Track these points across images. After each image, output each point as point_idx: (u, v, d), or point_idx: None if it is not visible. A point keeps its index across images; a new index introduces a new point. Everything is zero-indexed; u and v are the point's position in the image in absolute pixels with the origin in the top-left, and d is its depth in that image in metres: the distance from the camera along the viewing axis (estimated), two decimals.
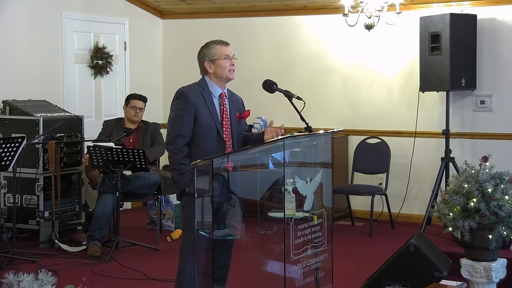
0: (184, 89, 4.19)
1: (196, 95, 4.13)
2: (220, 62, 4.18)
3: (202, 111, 4.10)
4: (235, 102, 4.33)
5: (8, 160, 5.74)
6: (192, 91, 4.17)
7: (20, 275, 2.37)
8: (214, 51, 4.20)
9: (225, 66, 4.19)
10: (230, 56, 4.22)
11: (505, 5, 7.05)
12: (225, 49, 4.23)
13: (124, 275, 5.67)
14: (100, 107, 8.07)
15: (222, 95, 4.23)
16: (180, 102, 4.14)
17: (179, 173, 4.09)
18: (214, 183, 3.73)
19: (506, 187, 4.17)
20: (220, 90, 4.22)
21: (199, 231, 3.83)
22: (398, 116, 7.64)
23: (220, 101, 4.20)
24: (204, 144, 4.08)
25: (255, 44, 8.39)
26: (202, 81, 4.24)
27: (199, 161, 3.73)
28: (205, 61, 4.20)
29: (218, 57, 4.18)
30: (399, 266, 4.52)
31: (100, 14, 8.06)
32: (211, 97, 4.18)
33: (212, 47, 4.22)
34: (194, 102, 4.10)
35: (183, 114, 4.10)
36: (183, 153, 4.08)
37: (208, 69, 4.20)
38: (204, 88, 4.18)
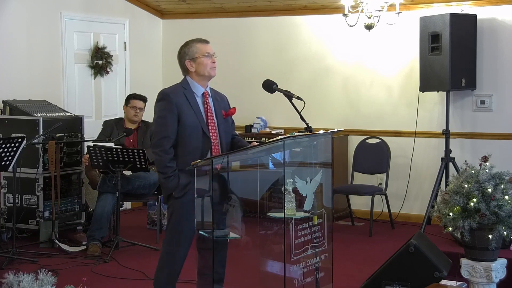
0: (166, 91, 4.19)
1: (179, 96, 4.12)
2: (201, 60, 4.17)
3: (186, 111, 4.09)
4: (220, 100, 4.30)
5: (8, 160, 5.74)
6: (174, 92, 4.16)
7: (20, 275, 2.37)
8: (195, 50, 4.20)
9: (206, 63, 4.17)
10: (211, 53, 4.21)
11: (505, 5, 7.05)
12: (205, 47, 4.24)
13: (124, 275, 5.67)
14: (100, 107, 8.08)
15: (205, 94, 4.21)
16: (162, 104, 4.13)
17: (165, 177, 4.09)
18: (213, 184, 3.74)
19: (506, 187, 4.17)
20: (202, 89, 4.20)
21: (199, 231, 3.83)
22: (398, 116, 7.64)
23: (203, 100, 4.19)
24: (189, 144, 4.07)
25: (255, 44, 8.39)
26: (184, 81, 4.23)
27: (199, 161, 3.73)
28: (185, 60, 4.19)
29: (199, 55, 4.18)
30: (399, 266, 4.53)
31: (100, 14, 8.06)
32: (194, 97, 4.16)
33: (192, 46, 4.22)
34: (176, 102, 4.08)
35: (166, 115, 4.09)
36: (169, 155, 4.07)
37: (189, 67, 4.19)
38: (186, 88, 4.17)
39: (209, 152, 4.09)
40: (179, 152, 4.09)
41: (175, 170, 4.06)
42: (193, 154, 4.03)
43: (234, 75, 8.44)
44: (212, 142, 4.10)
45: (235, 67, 8.47)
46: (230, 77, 8.42)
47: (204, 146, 4.08)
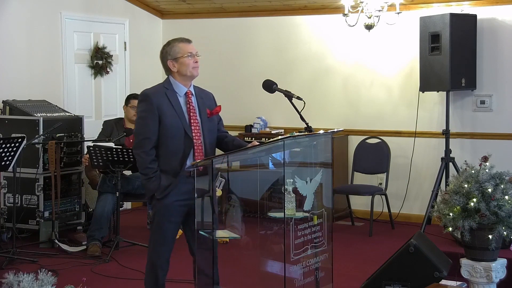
0: (146, 91, 4.16)
1: (160, 96, 4.08)
2: (183, 60, 4.13)
3: (167, 111, 4.05)
4: (205, 98, 4.24)
5: (8, 160, 5.75)
6: (155, 92, 4.13)
7: (20, 275, 2.37)
8: (177, 49, 4.16)
9: (189, 63, 4.12)
10: (193, 53, 4.16)
11: (505, 5, 7.05)
12: (187, 46, 4.18)
13: (124, 275, 5.67)
14: (100, 107, 8.08)
15: (187, 94, 4.15)
16: (143, 105, 4.11)
17: (146, 178, 4.07)
18: (212, 184, 3.73)
19: (506, 187, 4.17)
20: (185, 89, 4.15)
21: (199, 231, 3.83)
22: (398, 116, 7.64)
23: (186, 99, 4.14)
24: (171, 145, 4.04)
25: (255, 44, 8.39)
26: (167, 81, 4.19)
27: (199, 161, 3.73)
28: (167, 60, 4.16)
29: (181, 55, 4.13)
30: (399, 266, 4.52)
31: (100, 14, 8.06)
32: (176, 97, 4.12)
33: (175, 45, 4.18)
34: (157, 103, 4.04)
35: (147, 116, 4.06)
36: (150, 157, 4.05)
37: (172, 67, 4.15)
38: (168, 88, 4.13)
39: (192, 152, 4.04)
40: (161, 153, 4.07)
41: (156, 171, 4.04)
42: (174, 154, 4.02)
43: (234, 75, 8.44)
44: (195, 143, 4.04)
45: (235, 67, 8.48)
46: (230, 77, 8.43)
47: (186, 147, 4.03)
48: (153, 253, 4.18)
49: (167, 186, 4.02)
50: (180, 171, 4.00)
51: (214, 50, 8.55)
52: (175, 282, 5.12)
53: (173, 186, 4.01)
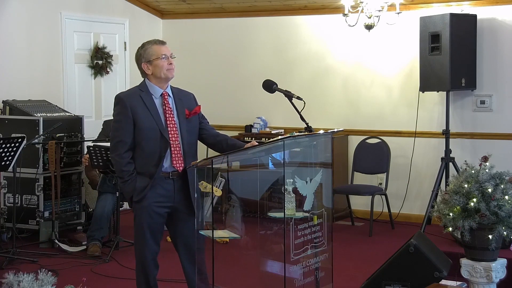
0: (120, 95, 4.15)
1: (134, 99, 4.06)
2: (157, 62, 4.09)
3: (141, 114, 4.02)
4: (184, 99, 4.19)
5: (8, 160, 5.75)
6: (129, 95, 4.12)
7: (20, 275, 2.37)
8: (151, 52, 4.12)
9: (163, 65, 4.08)
10: (168, 55, 4.11)
11: (505, 5, 7.05)
12: (161, 48, 4.13)
13: (124, 275, 5.67)
14: (100, 107, 8.08)
15: (164, 95, 4.11)
16: (117, 108, 4.10)
17: (122, 181, 4.07)
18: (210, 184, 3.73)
19: (506, 187, 4.17)
20: (160, 90, 4.11)
21: (199, 231, 3.83)
22: (398, 116, 7.64)
23: (162, 101, 4.10)
24: (146, 147, 4.01)
25: (255, 44, 8.39)
26: (142, 84, 4.17)
27: (199, 161, 3.72)
28: (142, 63, 4.14)
29: (155, 57, 4.10)
30: (399, 266, 4.52)
31: (100, 14, 8.07)
32: (151, 99, 4.08)
33: (148, 48, 4.14)
34: (131, 106, 4.02)
35: (121, 119, 4.06)
36: (125, 159, 4.04)
37: (146, 70, 4.12)
38: (143, 91, 4.10)
39: (169, 153, 4.01)
40: (137, 155, 4.05)
41: (131, 173, 4.03)
42: (150, 156, 4.00)
43: (234, 75, 8.44)
44: (171, 144, 4.01)
45: (235, 67, 8.47)
46: (230, 77, 8.43)
47: (162, 148, 4.00)
48: (138, 254, 4.22)
49: (143, 188, 4.00)
50: (155, 173, 3.98)
51: (214, 50, 8.56)
52: (170, 282, 5.12)
53: (149, 188, 3.99)
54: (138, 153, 4.05)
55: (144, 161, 4.01)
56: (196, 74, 8.44)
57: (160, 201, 4.01)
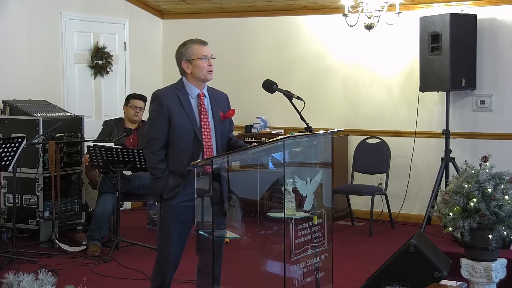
0: (158, 92, 4.13)
1: (171, 97, 4.05)
2: (197, 62, 4.08)
3: (177, 113, 4.02)
4: (219, 100, 4.21)
5: (8, 160, 5.75)
6: (166, 93, 4.10)
7: (20, 275, 2.37)
8: (192, 51, 4.10)
9: (203, 66, 4.08)
10: (208, 56, 4.12)
11: (505, 5, 7.05)
12: (203, 48, 4.13)
13: (124, 275, 5.67)
14: (100, 107, 8.08)
15: (200, 95, 4.12)
16: (153, 105, 4.08)
17: (154, 178, 4.07)
18: (213, 184, 3.73)
19: (506, 187, 4.17)
20: (197, 91, 4.12)
21: (199, 231, 3.83)
22: (398, 116, 7.64)
23: (198, 101, 4.10)
24: (179, 146, 4.01)
25: (255, 44, 8.39)
26: (180, 82, 4.15)
27: (199, 161, 3.72)
28: (182, 61, 4.11)
29: (196, 57, 4.08)
30: (399, 266, 4.52)
31: (100, 14, 8.07)
32: (188, 98, 4.08)
33: (190, 47, 4.12)
34: (167, 104, 4.02)
35: (156, 117, 4.05)
36: (158, 157, 4.03)
37: (186, 69, 4.10)
38: (180, 89, 4.09)
39: (201, 155, 4.02)
40: (170, 154, 4.05)
41: (164, 171, 4.02)
42: (183, 156, 3.99)
43: (234, 75, 8.44)
44: (204, 145, 4.02)
45: (235, 67, 8.48)
46: (230, 77, 8.42)
47: (194, 149, 4.01)
48: (161, 253, 4.18)
49: (175, 187, 4.00)
50: (188, 173, 3.97)
51: (214, 50, 8.49)
52: (177, 282, 5.11)
53: (181, 187, 3.99)
54: (171, 152, 4.05)
55: (177, 161, 4.00)
56: None
57: (189, 199, 3.97)
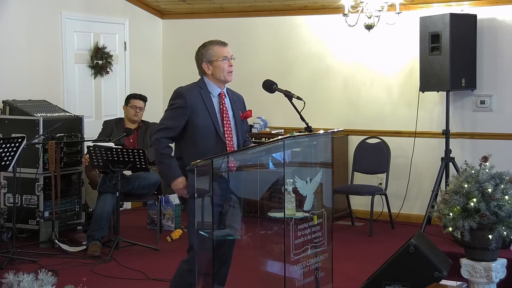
0: (182, 90, 4.12)
1: (194, 96, 4.07)
2: (218, 63, 4.12)
3: (199, 111, 4.03)
4: (237, 100, 4.27)
5: (8, 160, 5.74)
6: (190, 91, 4.10)
7: (20, 275, 2.37)
8: (212, 52, 4.13)
9: (224, 68, 4.13)
10: (228, 57, 4.16)
11: (505, 5, 7.05)
12: (223, 50, 4.16)
13: (124, 275, 5.67)
14: (100, 107, 8.08)
15: (221, 95, 4.17)
16: (177, 102, 4.07)
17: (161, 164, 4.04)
18: (215, 184, 3.72)
19: (506, 187, 4.17)
20: (219, 90, 4.17)
21: (199, 231, 3.83)
22: (398, 116, 7.64)
23: (220, 100, 4.15)
24: (202, 145, 4.00)
25: (255, 44, 8.39)
26: (201, 81, 4.18)
27: (199, 161, 3.72)
28: (203, 62, 4.14)
29: (216, 59, 4.12)
30: (399, 266, 4.52)
31: (100, 14, 8.07)
32: (210, 97, 4.12)
33: (210, 48, 4.15)
34: (191, 103, 4.03)
35: (177, 112, 4.03)
36: (165, 143, 4.01)
37: (206, 70, 4.14)
38: (202, 88, 4.13)
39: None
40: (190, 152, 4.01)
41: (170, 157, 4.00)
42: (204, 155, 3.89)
43: (234, 75, 8.40)
44: (227, 144, 4.03)
45: (235, 67, 8.42)
46: None
47: (218, 148, 4.00)
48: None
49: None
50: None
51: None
52: None
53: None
54: (192, 150, 4.01)
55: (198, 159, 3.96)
56: (196, 74, 8.42)
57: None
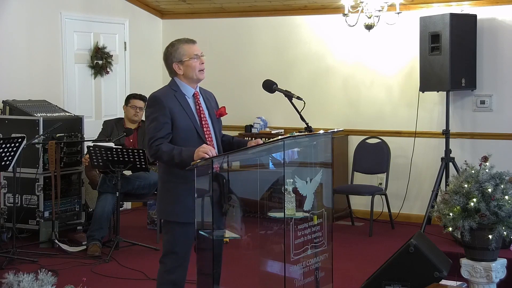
0: (156, 94, 4.00)
1: (170, 99, 3.94)
2: (189, 62, 3.99)
3: (178, 114, 3.92)
4: (210, 99, 4.15)
5: (8, 160, 5.75)
6: (165, 95, 3.97)
7: (20, 275, 2.37)
8: (182, 51, 4.01)
9: (195, 66, 4.00)
10: (199, 54, 4.04)
11: (505, 5, 7.05)
12: (193, 48, 4.04)
13: (124, 275, 5.67)
14: (100, 107, 8.08)
15: (195, 95, 4.05)
16: (155, 108, 3.93)
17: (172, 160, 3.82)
18: (213, 184, 3.72)
19: (506, 187, 4.17)
20: (192, 90, 4.04)
21: (199, 231, 3.82)
22: (398, 116, 7.64)
23: (195, 100, 4.03)
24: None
25: (255, 44, 8.39)
26: (173, 83, 4.04)
27: (199, 161, 3.72)
28: (173, 63, 4.00)
29: (187, 58, 3.99)
30: (399, 266, 4.52)
31: (100, 14, 8.07)
32: (185, 98, 4.00)
33: (179, 47, 4.03)
34: (169, 106, 3.91)
35: (160, 118, 3.89)
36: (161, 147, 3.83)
37: (177, 70, 4.00)
38: (176, 90, 3.99)
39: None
40: None
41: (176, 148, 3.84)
42: None
43: (234, 75, 8.44)
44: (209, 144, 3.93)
45: (235, 67, 8.48)
46: (230, 77, 8.43)
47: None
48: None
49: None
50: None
51: (214, 50, 8.55)
52: None
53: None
54: None
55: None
56: None
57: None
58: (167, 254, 3.99)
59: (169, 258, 3.97)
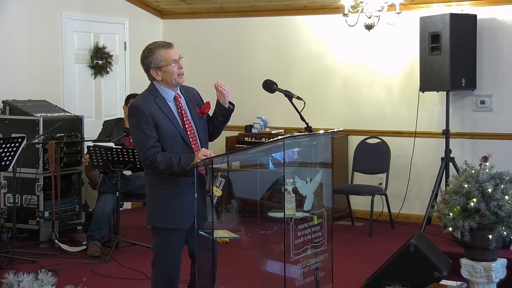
0: (136, 103, 3.92)
1: (150, 105, 3.86)
2: (167, 68, 3.86)
3: (161, 121, 3.84)
4: (192, 97, 4.06)
5: (8, 160, 5.75)
6: (145, 103, 3.88)
7: (20, 275, 2.37)
8: (159, 57, 3.89)
9: (173, 71, 3.88)
10: (177, 59, 3.91)
11: (505, 5, 7.05)
12: (170, 53, 3.89)
13: (124, 275, 5.67)
14: (100, 107, 8.08)
15: (176, 97, 3.96)
16: (137, 118, 3.85)
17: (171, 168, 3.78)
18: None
19: (506, 187, 4.17)
20: (173, 93, 3.94)
21: (199, 231, 3.83)
22: (398, 116, 7.64)
23: (176, 103, 3.95)
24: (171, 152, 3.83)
25: (255, 44, 8.39)
26: (152, 88, 3.96)
27: (199, 160, 3.72)
28: (151, 69, 3.92)
29: (164, 64, 3.87)
30: (399, 266, 4.53)
31: (100, 14, 8.07)
32: (166, 103, 3.91)
33: (156, 53, 3.90)
34: (150, 113, 3.83)
35: (144, 128, 3.82)
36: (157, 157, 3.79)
37: (156, 76, 3.92)
38: (156, 95, 3.91)
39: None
40: None
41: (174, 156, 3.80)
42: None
43: (234, 75, 8.44)
44: (194, 148, 3.89)
45: (235, 67, 8.48)
46: (230, 77, 8.42)
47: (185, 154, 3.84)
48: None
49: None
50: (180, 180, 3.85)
51: (214, 50, 8.56)
52: None
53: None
54: None
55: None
56: (196, 74, 8.43)
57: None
58: (157, 258, 3.99)
59: (159, 262, 3.98)
